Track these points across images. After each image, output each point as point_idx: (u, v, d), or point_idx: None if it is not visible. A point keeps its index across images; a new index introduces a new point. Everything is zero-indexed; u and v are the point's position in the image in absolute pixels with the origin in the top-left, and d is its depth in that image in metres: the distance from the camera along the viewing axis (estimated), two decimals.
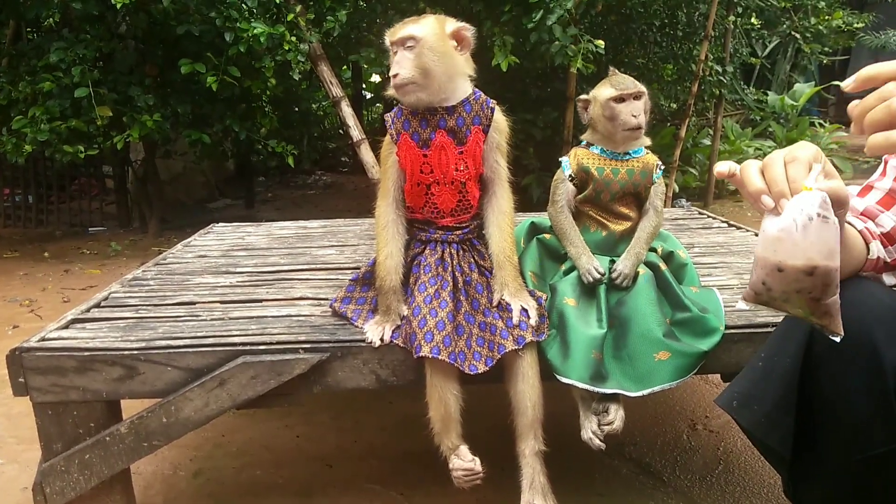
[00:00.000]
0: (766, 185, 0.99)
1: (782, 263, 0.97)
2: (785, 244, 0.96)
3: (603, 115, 1.82)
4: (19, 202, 6.76)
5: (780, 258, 0.97)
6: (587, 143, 1.91)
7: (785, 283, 0.98)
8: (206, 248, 2.84)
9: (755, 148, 7.77)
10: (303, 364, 1.67)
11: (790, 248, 0.96)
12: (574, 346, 1.67)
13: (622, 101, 1.80)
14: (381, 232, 1.79)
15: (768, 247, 0.99)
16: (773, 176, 0.98)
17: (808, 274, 0.96)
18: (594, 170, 1.85)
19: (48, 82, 4.76)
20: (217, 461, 2.29)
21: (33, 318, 3.88)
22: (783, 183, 0.97)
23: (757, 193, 0.99)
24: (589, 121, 1.90)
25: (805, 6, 7.00)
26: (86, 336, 1.77)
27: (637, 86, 1.81)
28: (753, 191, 1.00)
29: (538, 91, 6.15)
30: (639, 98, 1.81)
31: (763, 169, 1.01)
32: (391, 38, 1.71)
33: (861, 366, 1.07)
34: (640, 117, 1.80)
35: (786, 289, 0.99)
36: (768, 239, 0.98)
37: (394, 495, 2.05)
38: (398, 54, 1.69)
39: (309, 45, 5.00)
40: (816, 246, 0.95)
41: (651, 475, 2.14)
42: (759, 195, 0.99)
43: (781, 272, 0.98)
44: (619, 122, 1.80)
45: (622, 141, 1.84)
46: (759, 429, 1.17)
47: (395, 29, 1.72)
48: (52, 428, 1.69)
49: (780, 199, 0.97)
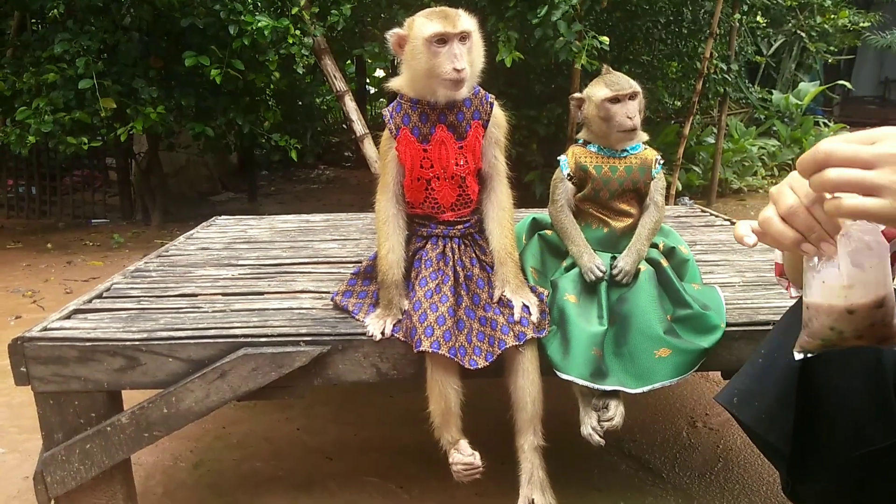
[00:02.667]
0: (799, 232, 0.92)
1: (853, 306, 0.93)
2: (855, 288, 0.92)
3: (598, 115, 1.81)
4: (23, 193, 6.77)
5: (850, 302, 0.93)
6: (584, 142, 1.89)
7: (857, 322, 0.94)
8: (208, 240, 2.84)
9: (759, 147, 7.75)
10: (304, 357, 1.67)
11: (860, 290, 0.92)
12: (574, 343, 1.68)
13: (617, 101, 1.78)
14: (382, 226, 1.79)
15: (834, 294, 0.93)
16: (806, 223, 0.90)
17: (878, 307, 0.93)
18: (592, 168, 1.84)
19: (52, 73, 4.76)
20: (217, 453, 2.30)
21: (35, 309, 3.89)
22: (817, 227, 0.90)
23: (796, 243, 0.92)
24: (583, 119, 1.88)
25: (811, 5, 6.97)
26: (88, 326, 1.78)
27: (632, 85, 1.79)
28: (790, 243, 0.92)
29: (542, 87, 6.13)
30: (634, 98, 1.79)
31: (786, 217, 0.92)
32: (449, 28, 1.61)
33: (860, 362, 1.07)
34: (636, 118, 1.78)
35: (858, 326, 0.94)
36: (834, 287, 0.93)
37: (393, 488, 2.06)
38: (453, 46, 1.63)
39: (313, 39, 4.99)
40: (880, 276, 0.92)
41: (650, 472, 2.14)
42: (798, 244, 0.92)
43: (852, 314, 0.93)
44: (615, 124, 1.79)
45: (617, 141, 1.83)
46: (759, 425, 1.17)
47: (450, 20, 1.63)
48: (54, 417, 1.69)
49: (822, 245, 0.91)
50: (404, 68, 1.74)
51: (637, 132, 1.82)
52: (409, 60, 1.70)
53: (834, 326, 0.95)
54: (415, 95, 1.73)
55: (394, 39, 1.72)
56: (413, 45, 1.66)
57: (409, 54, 1.68)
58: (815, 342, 0.99)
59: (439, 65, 1.63)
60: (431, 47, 1.63)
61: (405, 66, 1.73)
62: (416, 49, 1.66)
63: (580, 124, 1.92)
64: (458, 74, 1.63)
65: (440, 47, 1.63)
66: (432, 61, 1.64)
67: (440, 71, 1.64)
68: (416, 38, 1.65)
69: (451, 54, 1.63)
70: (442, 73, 1.64)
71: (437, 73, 1.65)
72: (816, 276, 0.94)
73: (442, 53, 1.63)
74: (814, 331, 0.98)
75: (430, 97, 1.71)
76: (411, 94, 1.74)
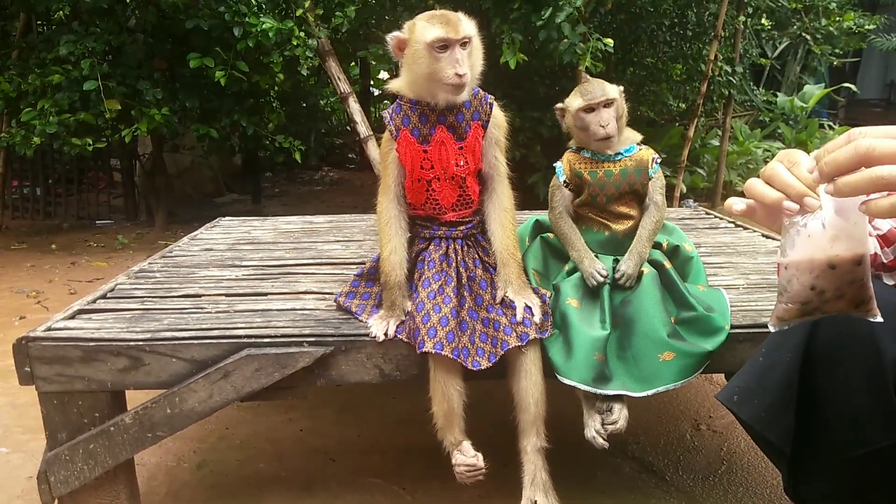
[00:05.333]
0: (782, 192, 0.97)
1: (836, 259, 0.94)
2: (839, 240, 0.93)
3: (575, 124, 1.82)
4: (27, 194, 6.79)
5: (834, 253, 0.94)
6: (577, 148, 1.88)
7: (838, 279, 0.95)
8: (212, 241, 2.85)
9: (764, 149, 7.73)
10: (307, 357, 1.67)
11: (844, 242, 0.93)
12: (577, 348, 1.67)
13: (591, 110, 1.77)
14: (385, 228, 1.79)
15: (818, 247, 0.94)
16: (787, 181, 0.96)
17: (858, 264, 0.94)
18: (587, 174, 1.83)
19: (57, 75, 4.78)
20: (220, 453, 2.30)
21: (40, 310, 3.90)
22: (800, 185, 0.95)
23: (777, 202, 0.97)
24: (567, 129, 1.89)
25: (816, 7, 6.94)
26: (92, 327, 1.78)
27: (605, 93, 1.77)
28: (772, 201, 0.97)
29: (546, 89, 6.12)
30: (609, 105, 1.77)
31: (769, 180, 0.99)
32: (451, 34, 1.61)
33: (861, 361, 1.07)
34: (610, 126, 1.76)
35: (840, 284, 0.95)
36: (818, 240, 0.94)
37: (396, 490, 2.05)
38: (455, 52, 1.63)
39: (317, 41, 5.01)
40: (862, 232, 0.93)
41: (653, 474, 2.14)
42: (780, 203, 0.96)
43: (834, 269, 0.94)
44: (590, 133, 1.78)
45: (597, 149, 1.83)
46: (759, 423, 1.17)
47: (452, 25, 1.63)
48: (57, 417, 1.70)
49: (804, 199, 0.94)
50: (404, 71, 1.74)
51: (614, 139, 1.79)
52: (409, 64, 1.69)
53: (815, 285, 0.96)
54: (414, 97, 1.73)
55: (394, 43, 1.71)
56: (414, 50, 1.66)
57: (410, 58, 1.68)
58: (793, 308, 0.99)
59: (441, 70, 1.64)
60: (433, 52, 1.63)
61: (405, 69, 1.73)
62: (418, 54, 1.65)
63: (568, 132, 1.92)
64: (460, 80, 1.63)
65: (442, 52, 1.63)
66: (434, 66, 1.64)
67: (442, 76, 1.64)
68: (418, 42, 1.65)
69: (452, 60, 1.63)
70: (444, 78, 1.64)
71: (438, 78, 1.65)
72: (801, 231, 0.96)
73: (444, 59, 1.63)
74: (793, 294, 0.98)
75: (430, 99, 1.71)
76: (411, 95, 1.74)
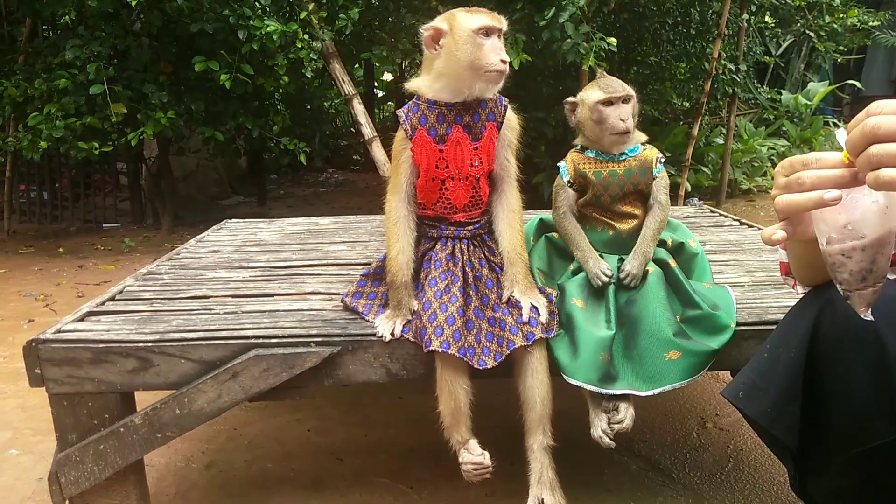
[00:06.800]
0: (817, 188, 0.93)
1: None
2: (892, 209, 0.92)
3: (591, 118, 1.81)
4: (34, 198, 6.83)
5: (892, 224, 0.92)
6: (582, 147, 1.89)
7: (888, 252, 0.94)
8: (219, 243, 2.86)
9: (768, 147, 7.72)
10: (314, 357, 1.68)
11: None
12: (582, 348, 1.68)
13: (610, 104, 1.78)
14: (393, 227, 1.80)
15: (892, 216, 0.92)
16: (818, 175, 0.93)
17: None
18: (591, 174, 1.83)
19: (63, 79, 4.81)
20: (229, 454, 2.31)
21: (48, 313, 3.93)
22: (831, 172, 0.92)
23: (819, 199, 0.92)
24: (577, 124, 1.88)
25: (820, 4, 6.92)
26: (101, 328, 1.80)
27: (625, 89, 1.79)
28: (815, 201, 0.92)
29: (550, 89, 6.13)
30: (627, 101, 1.79)
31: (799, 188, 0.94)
32: (495, 23, 1.67)
33: (865, 356, 1.07)
34: (629, 121, 1.77)
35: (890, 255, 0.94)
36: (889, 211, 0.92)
37: (403, 489, 2.06)
38: (494, 41, 1.66)
39: (321, 43, 5.02)
40: None
41: (660, 472, 2.14)
42: (820, 201, 0.92)
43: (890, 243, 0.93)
44: (607, 126, 1.78)
45: (610, 145, 1.82)
46: (765, 418, 1.17)
47: (493, 15, 1.68)
48: (68, 419, 1.71)
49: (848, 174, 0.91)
50: (437, 64, 1.71)
51: (630, 135, 1.80)
52: (449, 53, 1.68)
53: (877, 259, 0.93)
54: (433, 96, 1.74)
55: (430, 33, 1.70)
56: (457, 37, 1.66)
57: (451, 46, 1.67)
58: (881, 286, 0.96)
59: (484, 56, 1.65)
60: (477, 39, 1.65)
61: (440, 61, 1.70)
62: (461, 41, 1.66)
63: (574, 130, 1.92)
64: (504, 66, 1.66)
65: (485, 39, 1.66)
66: (477, 53, 1.65)
67: (485, 62, 1.65)
68: (462, 29, 1.66)
69: (496, 46, 1.66)
70: (487, 65, 1.65)
71: (481, 65, 1.66)
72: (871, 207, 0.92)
73: (487, 46, 1.66)
74: (881, 271, 0.95)
75: (465, 90, 1.70)
76: (429, 95, 1.74)
